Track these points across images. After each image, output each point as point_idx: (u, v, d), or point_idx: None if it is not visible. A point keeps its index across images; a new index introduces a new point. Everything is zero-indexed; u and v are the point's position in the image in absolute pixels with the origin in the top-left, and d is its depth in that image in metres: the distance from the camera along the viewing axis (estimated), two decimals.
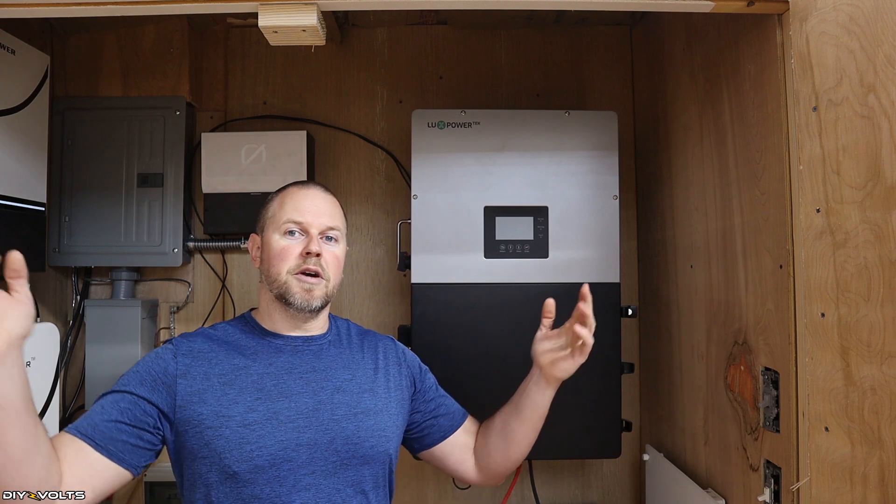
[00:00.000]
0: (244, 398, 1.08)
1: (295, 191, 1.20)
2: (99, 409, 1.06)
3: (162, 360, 1.11)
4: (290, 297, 1.13)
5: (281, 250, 1.14)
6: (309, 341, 1.18)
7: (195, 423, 1.06)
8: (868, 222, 1.00)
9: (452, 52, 1.99)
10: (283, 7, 1.09)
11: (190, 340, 1.14)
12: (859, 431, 1.02)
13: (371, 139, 1.98)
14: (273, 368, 1.13)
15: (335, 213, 1.20)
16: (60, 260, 1.82)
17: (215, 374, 1.10)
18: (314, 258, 1.13)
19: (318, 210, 1.17)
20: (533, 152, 1.63)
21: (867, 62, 1.00)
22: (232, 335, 1.18)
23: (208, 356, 1.12)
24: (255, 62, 1.98)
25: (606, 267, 1.62)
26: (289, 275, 1.13)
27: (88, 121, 1.84)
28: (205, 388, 1.08)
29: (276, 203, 1.19)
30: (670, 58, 1.69)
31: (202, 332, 1.18)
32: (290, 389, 1.12)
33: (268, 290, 1.17)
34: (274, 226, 1.17)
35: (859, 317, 1.01)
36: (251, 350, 1.15)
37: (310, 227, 1.15)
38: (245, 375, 1.11)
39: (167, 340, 1.17)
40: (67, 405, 1.89)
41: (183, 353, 1.11)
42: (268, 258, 1.17)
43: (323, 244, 1.16)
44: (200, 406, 1.07)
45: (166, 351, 1.12)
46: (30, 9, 1.12)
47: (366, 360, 1.23)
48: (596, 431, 1.61)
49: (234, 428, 1.05)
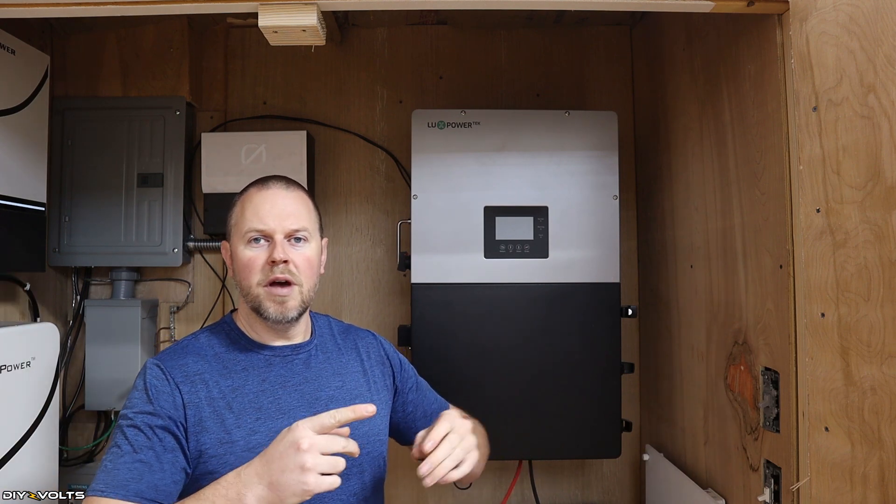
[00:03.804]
0: (245, 421, 1.05)
1: (254, 193, 1.12)
2: (147, 469, 0.97)
3: (167, 394, 1.03)
4: (264, 311, 1.08)
5: (247, 262, 1.08)
6: (297, 349, 1.15)
7: (198, 452, 1.02)
8: (868, 222, 1.00)
9: (452, 52, 1.99)
10: (283, 7, 1.09)
11: (180, 363, 1.07)
12: (859, 431, 1.02)
13: (371, 139, 1.98)
14: (267, 385, 1.09)
15: (300, 210, 1.11)
16: (60, 260, 1.82)
17: (214, 397, 1.05)
18: (281, 265, 1.07)
19: (280, 212, 1.09)
20: (533, 152, 1.63)
21: (867, 62, 1.00)
22: (217, 348, 1.12)
23: (204, 378, 1.06)
24: (255, 62, 1.98)
25: (606, 267, 1.62)
26: (259, 287, 1.08)
27: (88, 121, 1.84)
28: (206, 415, 1.04)
29: (238, 209, 1.12)
30: (670, 58, 1.69)
31: (188, 350, 1.10)
32: (287, 405, 1.09)
33: (244, 300, 1.12)
34: (238, 235, 1.11)
35: (859, 317, 1.01)
36: (241, 366, 1.10)
37: (273, 232, 1.08)
38: (241, 396, 1.07)
39: (152, 361, 1.08)
40: (67, 405, 1.89)
41: (180, 381, 1.05)
42: (238, 269, 1.11)
43: (291, 248, 1.09)
44: (203, 435, 1.03)
45: (162, 383, 1.04)
46: (30, 9, 1.12)
47: (352, 362, 1.21)
48: (596, 431, 1.61)
49: (239, 453, 1.02)
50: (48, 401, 1.44)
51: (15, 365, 1.34)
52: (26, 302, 1.69)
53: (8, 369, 1.32)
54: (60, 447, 1.61)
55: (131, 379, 1.78)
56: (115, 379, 1.82)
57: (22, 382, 1.36)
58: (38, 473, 1.41)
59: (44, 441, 1.43)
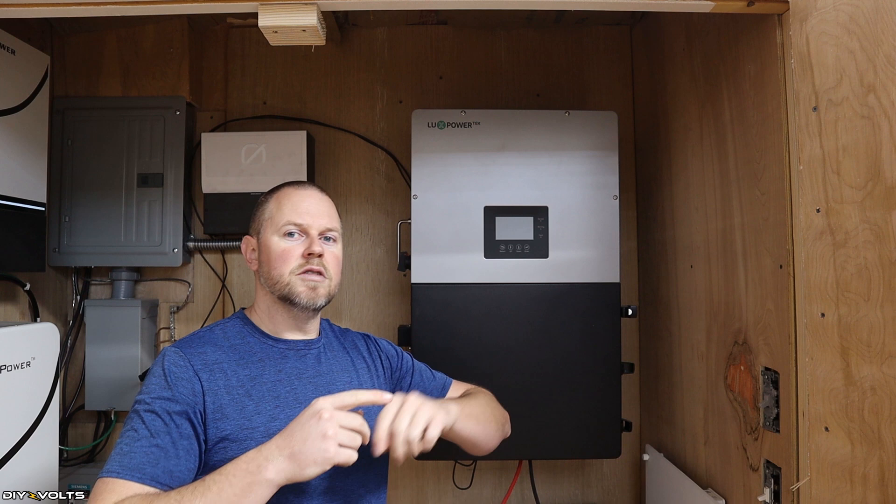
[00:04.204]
0: (264, 408, 1.07)
1: (292, 191, 1.18)
2: (163, 454, 0.98)
3: (186, 381, 1.04)
4: (295, 296, 1.12)
5: (282, 252, 1.13)
6: (309, 345, 1.18)
7: (218, 439, 1.04)
8: (868, 222, 1.00)
9: (452, 52, 1.99)
10: (283, 7, 1.09)
11: (199, 350, 1.09)
12: (859, 431, 1.02)
13: (371, 139, 1.98)
14: (283, 375, 1.12)
15: (332, 213, 1.19)
16: (60, 260, 1.82)
17: (233, 386, 1.07)
18: (316, 259, 1.13)
19: (316, 211, 1.16)
20: (533, 152, 1.63)
21: (867, 62, 1.00)
22: (234, 339, 1.14)
23: (222, 367, 1.08)
24: (255, 62, 1.98)
25: (606, 267, 1.62)
26: (292, 275, 1.12)
27: (88, 121, 1.84)
28: (226, 402, 1.05)
29: (273, 204, 1.17)
30: (670, 58, 1.69)
31: (206, 339, 1.13)
32: (303, 395, 1.12)
33: (268, 292, 1.15)
34: (272, 227, 1.15)
35: (859, 317, 1.01)
36: (257, 357, 1.13)
37: (309, 228, 1.14)
38: (259, 384, 1.09)
39: (171, 348, 1.09)
40: (67, 405, 1.89)
41: (199, 368, 1.06)
42: (268, 260, 1.15)
43: (323, 244, 1.15)
44: (223, 422, 1.04)
45: (182, 369, 1.05)
46: (30, 9, 1.12)
47: (357, 360, 1.24)
48: (596, 431, 1.61)
49: (259, 439, 1.02)
50: (48, 401, 1.44)
51: (15, 365, 1.34)
52: (26, 302, 1.69)
53: (8, 369, 1.32)
54: (60, 447, 1.61)
55: (132, 379, 1.81)
56: (115, 379, 1.82)
57: (22, 382, 1.36)
58: (38, 473, 1.41)
59: (44, 441, 1.43)
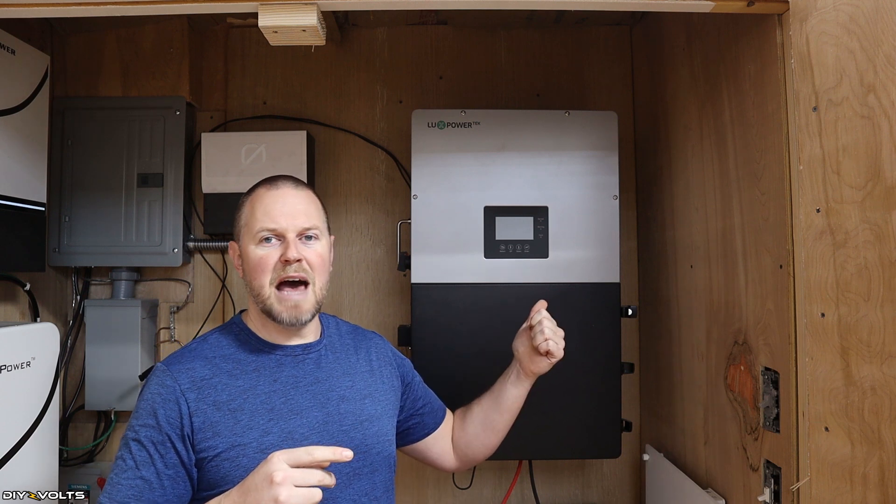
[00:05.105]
0: (257, 422, 1.04)
1: (264, 192, 1.11)
2: (147, 487, 1.00)
3: (172, 403, 1.03)
4: (277, 315, 1.08)
5: (258, 261, 1.08)
6: (308, 349, 1.15)
7: (210, 457, 1.02)
8: (868, 222, 1.00)
9: (452, 52, 1.99)
10: (283, 7, 1.09)
11: (188, 367, 1.06)
12: (859, 431, 1.02)
13: (371, 139, 1.98)
14: (279, 385, 1.09)
15: (310, 209, 1.12)
16: (60, 260, 1.82)
17: (223, 401, 1.05)
18: (294, 265, 1.07)
19: (291, 211, 1.09)
20: (533, 152, 1.63)
21: (867, 62, 1.00)
22: (227, 349, 1.11)
23: (212, 382, 1.06)
24: (255, 62, 1.98)
25: (606, 267, 1.62)
26: (271, 287, 1.08)
27: (88, 121, 1.84)
28: (216, 419, 1.03)
29: (247, 209, 1.12)
30: (670, 58, 1.69)
31: (197, 353, 1.10)
32: (299, 405, 1.09)
33: (254, 301, 1.12)
34: (248, 235, 1.10)
35: (859, 317, 1.01)
36: (252, 366, 1.10)
37: (285, 231, 1.08)
38: (253, 397, 1.06)
39: (161, 365, 1.08)
40: (67, 405, 1.89)
41: (186, 388, 1.04)
42: (248, 270, 1.10)
43: (303, 245, 1.09)
44: (214, 439, 1.02)
45: (168, 390, 1.04)
46: (30, 9, 1.12)
47: (361, 362, 1.21)
48: (596, 431, 1.61)
49: (252, 455, 1.01)
50: (48, 401, 1.44)
51: (15, 365, 1.34)
52: (26, 302, 1.69)
53: (8, 369, 1.32)
54: (60, 447, 1.61)
55: (131, 379, 1.81)
56: (115, 379, 1.82)
57: (22, 382, 1.36)
58: (38, 473, 1.41)
59: (44, 441, 1.43)
